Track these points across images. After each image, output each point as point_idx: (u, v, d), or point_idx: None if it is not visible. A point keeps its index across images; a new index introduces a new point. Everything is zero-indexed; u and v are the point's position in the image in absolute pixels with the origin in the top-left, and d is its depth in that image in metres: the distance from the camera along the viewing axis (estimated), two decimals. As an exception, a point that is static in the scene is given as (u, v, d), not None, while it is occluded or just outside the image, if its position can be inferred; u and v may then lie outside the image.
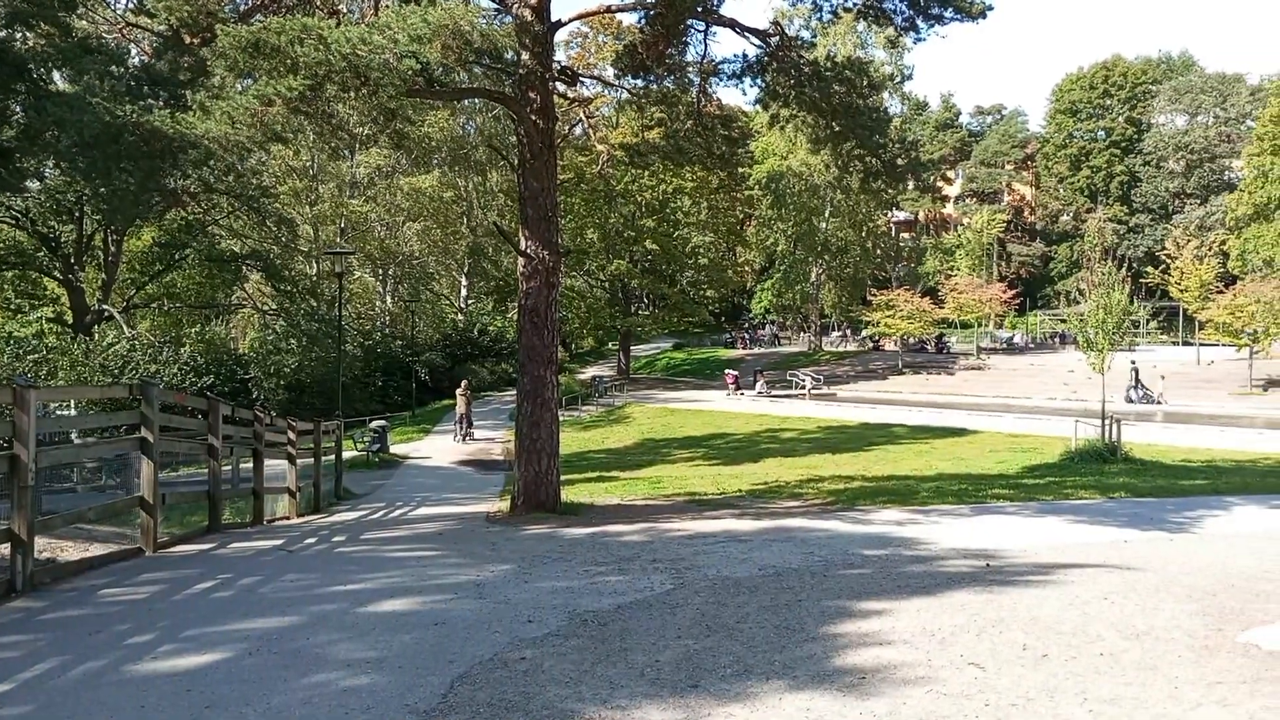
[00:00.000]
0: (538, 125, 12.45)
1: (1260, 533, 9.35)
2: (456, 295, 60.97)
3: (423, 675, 4.59)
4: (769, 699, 4.21)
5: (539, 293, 12.63)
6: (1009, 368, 45.52)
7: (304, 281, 44.57)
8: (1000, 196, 79.09)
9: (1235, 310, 39.23)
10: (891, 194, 63.13)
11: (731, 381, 42.74)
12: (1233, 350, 41.45)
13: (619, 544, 9.10)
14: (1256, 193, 41.78)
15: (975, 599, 6.11)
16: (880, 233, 68.69)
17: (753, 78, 14.06)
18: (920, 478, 16.24)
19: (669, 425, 32.44)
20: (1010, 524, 10.20)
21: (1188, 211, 63.54)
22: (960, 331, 58.66)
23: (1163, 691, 4.27)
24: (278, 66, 9.67)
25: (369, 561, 8.34)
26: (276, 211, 40.25)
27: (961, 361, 50.31)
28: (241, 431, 12.45)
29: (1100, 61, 72.43)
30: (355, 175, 52.56)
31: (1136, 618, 5.56)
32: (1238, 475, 15.72)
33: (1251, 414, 30.92)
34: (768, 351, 62.35)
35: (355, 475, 20.91)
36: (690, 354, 64.48)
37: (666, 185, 48.89)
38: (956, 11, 12.64)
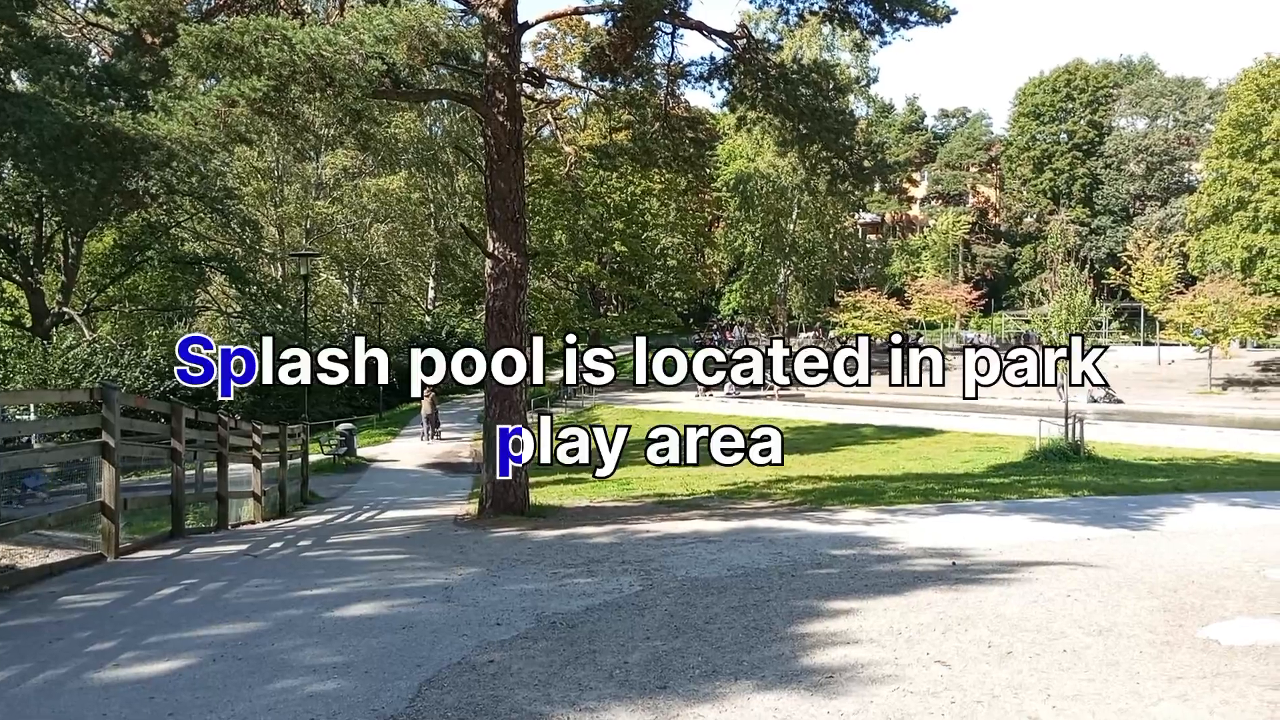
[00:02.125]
0: (505, 126, 12.41)
1: (1220, 529, 9.50)
2: (424, 297, 60.64)
3: (390, 680, 4.56)
4: (737, 699, 4.22)
5: (507, 294, 12.58)
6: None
7: (269, 284, 44.15)
8: (965, 198, 79.86)
9: (1195, 311, 39.88)
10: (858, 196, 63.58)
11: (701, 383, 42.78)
12: (1192, 350, 42.15)
13: (588, 546, 9.09)
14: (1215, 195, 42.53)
15: (941, 597, 6.16)
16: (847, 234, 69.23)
17: (720, 80, 14.09)
18: (888, 477, 16.35)
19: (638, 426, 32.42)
20: (976, 523, 10.29)
21: (1148, 213, 64.47)
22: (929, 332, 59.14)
23: (1125, 687, 4.33)
24: (241, 67, 9.57)
25: (335, 566, 8.27)
26: (241, 213, 39.86)
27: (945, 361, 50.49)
28: (205, 435, 12.31)
29: (1062, 65, 73.36)
30: (321, 176, 52.14)
31: (1099, 614, 5.63)
32: (1198, 473, 15.96)
33: (1211, 413, 31.44)
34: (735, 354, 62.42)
35: (321, 479, 20.73)
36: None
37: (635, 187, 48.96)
38: (921, 15, 12.73)
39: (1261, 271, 40.14)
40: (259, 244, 44.82)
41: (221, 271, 40.31)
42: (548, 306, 50.94)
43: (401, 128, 49.87)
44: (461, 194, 55.64)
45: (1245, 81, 42.99)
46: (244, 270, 39.97)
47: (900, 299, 56.23)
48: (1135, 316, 55.22)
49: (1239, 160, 41.09)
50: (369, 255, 54.67)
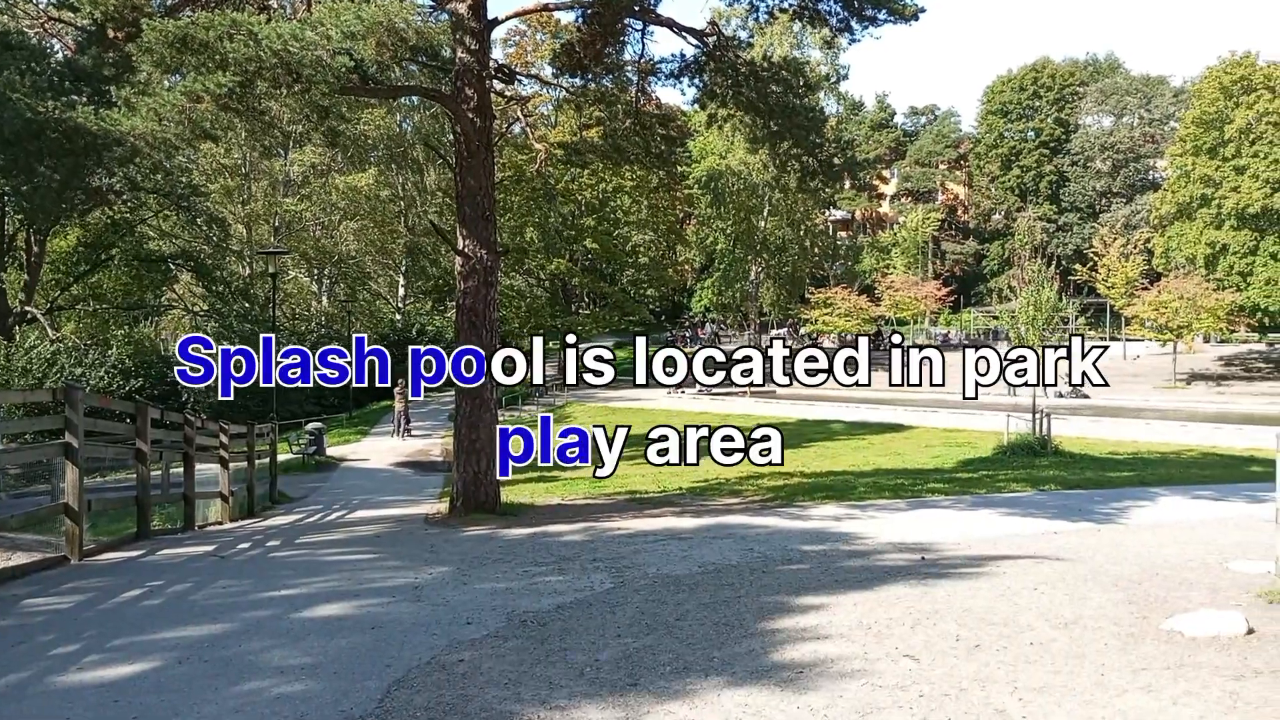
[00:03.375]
0: (475, 123, 12.36)
1: (1183, 522, 9.63)
2: (394, 295, 60.28)
3: (358, 680, 4.53)
4: (708, 695, 4.23)
5: (477, 292, 12.53)
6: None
7: (236, 282, 43.70)
8: (934, 195, 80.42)
9: (1159, 306, 40.40)
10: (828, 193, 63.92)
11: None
12: (1157, 345, 42.70)
13: (559, 544, 9.08)
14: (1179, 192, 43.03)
15: (910, 592, 6.21)
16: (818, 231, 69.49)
17: (690, 77, 14.10)
18: (858, 473, 16.44)
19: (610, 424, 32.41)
20: (945, 517, 10.38)
21: (1114, 210, 65.21)
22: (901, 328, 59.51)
23: (1090, 679, 4.38)
24: (206, 62, 9.46)
25: (304, 566, 8.21)
26: (207, 210, 39.42)
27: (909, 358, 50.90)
28: (171, 435, 12.17)
29: (1030, 63, 74.00)
30: (289, 173, 51.66)
31: (1065, 607, 5.69)
32: (1162, 467, 16.17)
33: (1175, 407, 31.87)
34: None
35: (291, 478, 20.56)
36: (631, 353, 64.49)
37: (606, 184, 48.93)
38: (890, 13, 12.80)
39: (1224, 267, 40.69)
40: (226, 242, 44.35)
41: (188, 269, 39.87)
42: (519, 304, 50.74)
43: (371, 124, 49.52)
44: (432, 191, 55.31)
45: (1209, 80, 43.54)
46: (211, 268, 39.54)
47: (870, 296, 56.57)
48: (1101, 312, 55.87)
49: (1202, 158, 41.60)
50: (338, 253, 54.26)
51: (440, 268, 54.97)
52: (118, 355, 33.50)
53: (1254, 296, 39.29)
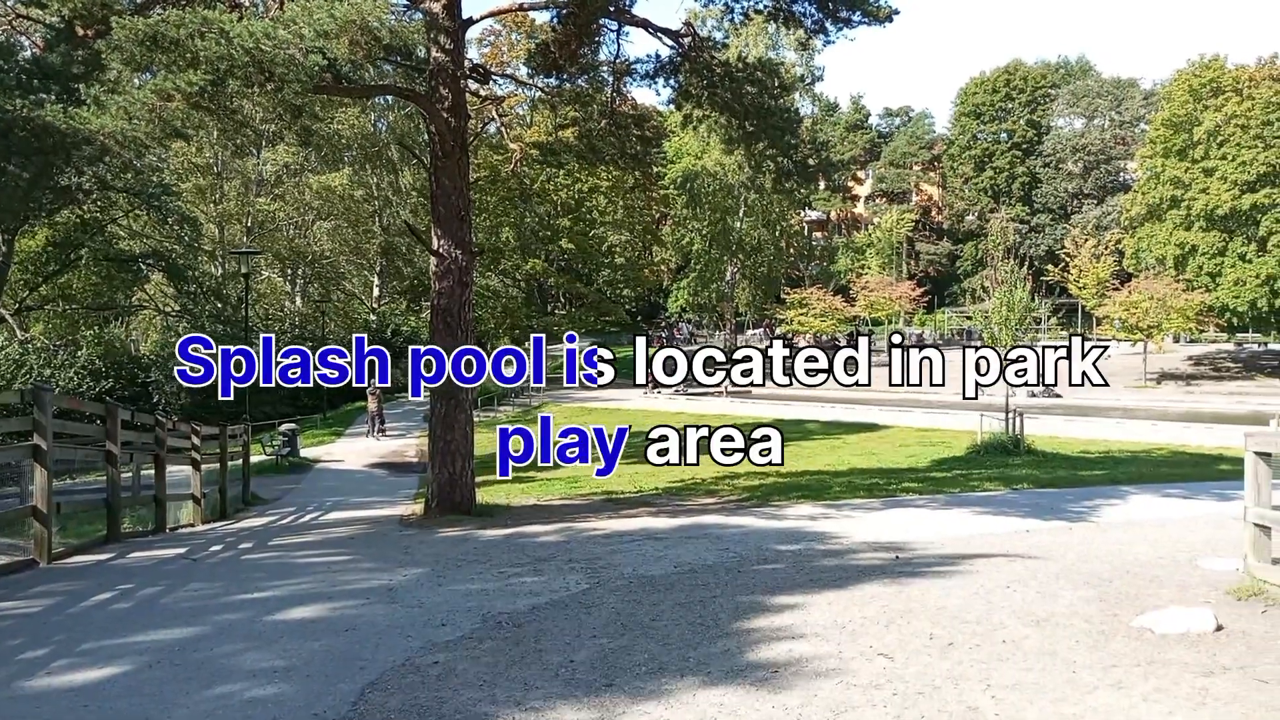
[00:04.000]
0: (449, 123, 12.30)
1: (1154, 520, 9.73)
2: (369, 295, 59.93)
3: (332, 683, 4.50)
4: (683, 695, 4.24)
5: (452, 292, 12.48)
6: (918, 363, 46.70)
7: (208, 282, 43.33)
8: (909, 196, 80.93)
9: (1130, 306, 40.82)
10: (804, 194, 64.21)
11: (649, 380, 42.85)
12: (1128, 345, 43.18)
13: (535, 545, 9.06)
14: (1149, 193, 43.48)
15: (885, 591, 6.24)
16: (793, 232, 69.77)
17: (666, 78, 14.10)
18: (833, 473, 16.51)
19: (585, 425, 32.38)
20: (919, 516, 10.44)
21: (1085, 211, 65.84)
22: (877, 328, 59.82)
23: (1062, 676, 4.42)
24: (177, 60, 9.35)
25: (277, 568, 8.15)
26: (178, 210, 39.01)
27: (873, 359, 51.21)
28: (142, 437, 12.04)
29: (1002, 66, 74.58)
30: (262, 173, 51.26)
31: (1037, 605, 5.74)
32: (1133, 465, 16.34)
33: (1146, 406, 32.22)
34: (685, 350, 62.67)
35: (264, 480, 20.39)
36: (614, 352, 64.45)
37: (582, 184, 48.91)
38: (864, 15, 12.86)
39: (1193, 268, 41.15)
40: (198, 241, 43.95)
41: (159, 269, 39.47)
42: (495, 304, 50.62)
43: (344, 124, 49.22)
44: (406, 191, 55.05)
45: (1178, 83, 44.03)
46: (182, 268, 39.16)
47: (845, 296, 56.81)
48: (1073, 312, 56.44)
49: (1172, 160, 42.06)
50: (312, 253, 53.89)
51: (415, 268, 54.75)
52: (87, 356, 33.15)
53: (1223, 297, 39.75)
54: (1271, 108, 38.56)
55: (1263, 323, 42.93)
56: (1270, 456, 6.10)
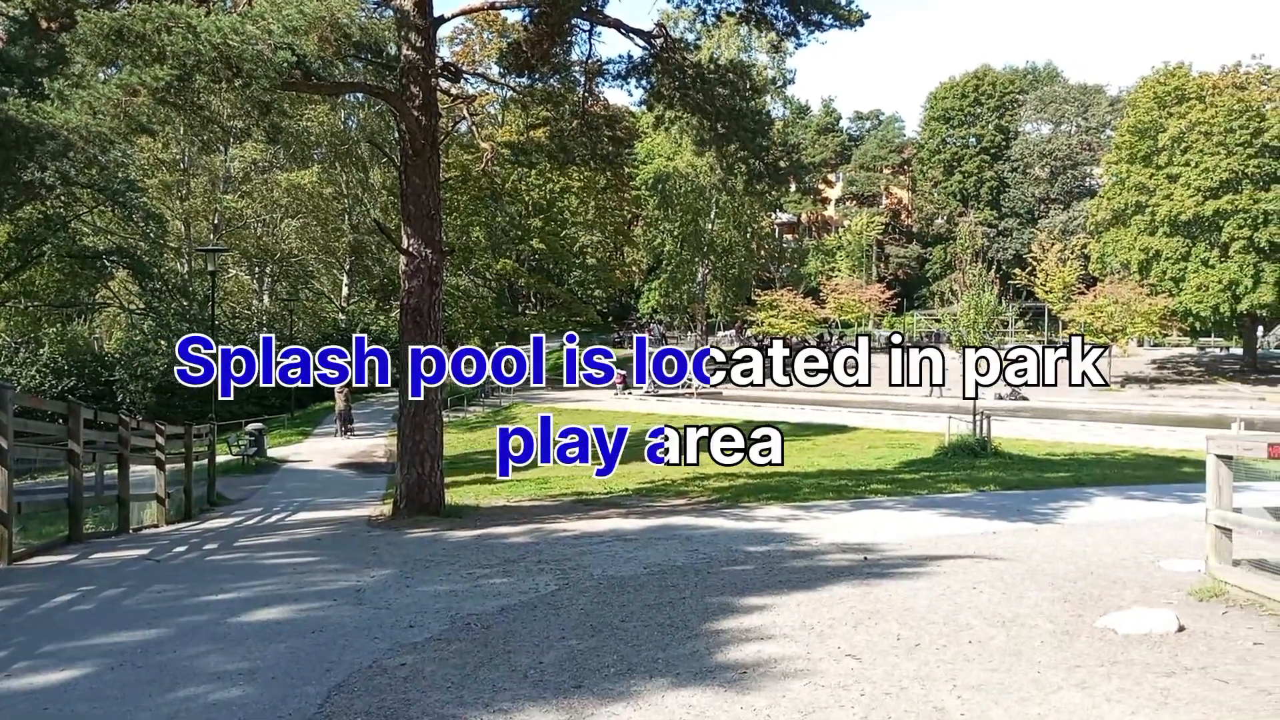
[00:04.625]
0: (420, 122, 12.24)
1: (1117, 522, 9.85)
2: (338, 294, 59.48)
3: (298, 685, 4.46)
4: (652, 697, 4.23)
5: (422, 291, 12.42)
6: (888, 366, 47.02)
7: (174, 280, 42.79)
8: (879, 199, 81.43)
9: (1095, 310, 41.31)
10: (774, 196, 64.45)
11: (619, 380, 42.90)
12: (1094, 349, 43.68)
13: (504, 546, 9.03)
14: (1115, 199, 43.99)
15: (853, 592, 6.27)
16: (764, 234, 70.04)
17: (638, 79, 14.10)
18: (802, 474, 16.57)
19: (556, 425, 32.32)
20: (887, 518, 10.50)
21: (1052, 216, 66.50)
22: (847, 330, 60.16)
23: (1027, 676, 4.46)
24: (143, 55, 9.23)
25: (243, 569, 8.06)
26: (144, 206, 38.53)
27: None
28: (105, 436, 11.87)
29: (971, 71, 75.24)
30: (229, 169, 50.72)
31: (1003, 606, 5.79)
32: (1098, 467, 16.53)
33: (1110, 409, 32.61)
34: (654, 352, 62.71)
35: (230, 480, 20.19)
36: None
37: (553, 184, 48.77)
38: (835, 18, 12.93)
39: (1157, 273, 41.69)
40: (163, 239, 43.41)
41: (124, 266, 38.94)
42: (465, 304, 50.37)
43: (314, 121, 48.80)
44: (376, 189, 54.67)
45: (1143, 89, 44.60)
46: (148, 265, 38.65)
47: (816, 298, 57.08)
48: (1040, 316, 57.03)
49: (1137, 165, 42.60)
50: (280, 251, 53.40)
51: (385, 267, 54.36)
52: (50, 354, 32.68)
53: (1186, 301, 40.30)
54: (1234, 115, 39.15)
55: (1224, 327, 43.60)
56: (1232, 459, 6.19)
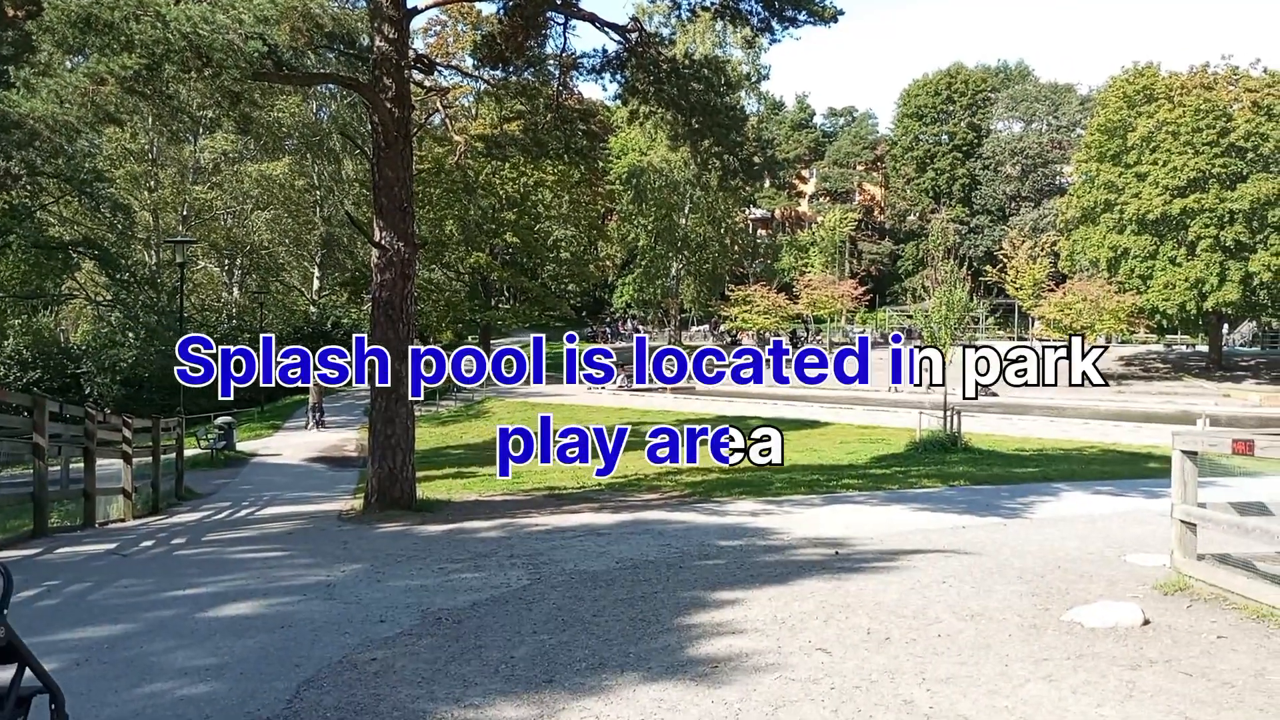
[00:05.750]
0: (393, 114, 12.15)
1: (1084, 516, 9.96)
2: (309, 287, 59.01)
3: (267, 681, 4.43)
4: (623, 691, 4.24)
5: (393, 285, 12.34)
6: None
7: (142, 271, 42.25)
8: (852, 196, 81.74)
9: (1064, 308, 41.72)
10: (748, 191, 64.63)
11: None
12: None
13: (476, 540, 9.01)
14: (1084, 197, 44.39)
15: (824, 586, 6.30)
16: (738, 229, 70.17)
17: (613, 73, 14.07)
18: (775, 469, 16.63)
19: (529, 419, 32.28)
20: (859, 513, 10.57)
21: (1023, 214, 67.06)
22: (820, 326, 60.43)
23: (995, 669, 4.50)
24: (111, 43, 9.11)
25: (211, 564, 7.99)
26: (111, 197, 38.00)
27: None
28: (71, 429, 11.73)
29: (944, 69, 75.68)
30: (199, 160, 50.12)
31: (972, 600, 5.84)
32: (1065, 463, 16.71)
33: (1078, 405, 32.98)
34: (629, 346, 62.82)
35: (199, 474, 19.99)
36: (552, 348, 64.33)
37: (528, 178, 48.55)
38: (809, 14, 12.98)
39: (1125, 271, 42.14)
40: (131, 230, 42.85)
41: (90, 258, 38.41)
42: (438, 298, 50.03)
43: (285, 111, 48.27)
44: (349, 181, 54.19)
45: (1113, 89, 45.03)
46: (115, 257, 38.13)
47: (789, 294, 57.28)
48: (1010, 312, 57.53)
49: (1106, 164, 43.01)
50: (250, 243, 52.89)
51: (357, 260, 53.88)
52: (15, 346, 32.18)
53: (1153, 299, 40.77)
54: (1201, 115, 39.61)
55: (1191, 325, 44.15)
56: (1196, 455, 6.27)
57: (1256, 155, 39.02)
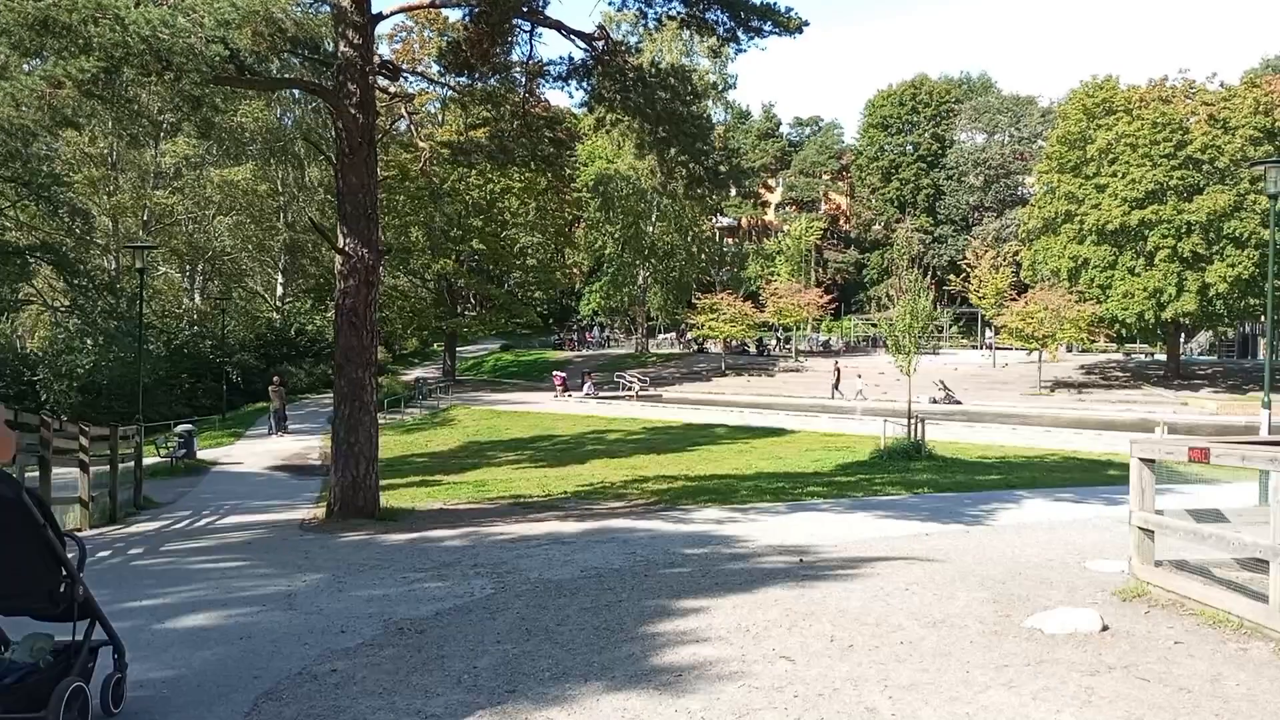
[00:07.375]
0: (357, 120, 12.07)
1: (1045, 523, 10.07)
2: (272, 294, 58.38)
3: (224, 693, 4.36)
4: (586, 701, 4.22)
5: (357, 292, 12.24)
6: (825, 369, 47.47)
7: (101, 277, 41.60)
8: (818, 205, 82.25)
9: (1026, 316, 42.20)
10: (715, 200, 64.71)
11: (559, 383, 42.81)
12: (1024, 354, 44.60)
13: (439, 549, 8.94)
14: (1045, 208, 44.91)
15: (788, 594, 6.32)
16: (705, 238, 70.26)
17: (579, 81, 14.07)
18: (740, 477, 16.67)
19: (495, 427, 32.14)
20: (823, 520, 10.61)
21: (985, 223, 67.78)
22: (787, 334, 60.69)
23: (956, 676, 4.53)
24: (69, 46, 8.98)
25: (169, 575, 7.87)
26: (69, 201, 37.43)
27: (781, 364, 52.22)
28: (26, 437, 11.50)
29: (908, 80, 76.45)
30: (160, 165, 49.51)
31: (934, 607, 5.88)
32: (1027, 470, 16.89)
33: (1040, 413, 33.37)
34: (596, 353, 62.75)
35: (158, 483, 19.68)
36: (518, 355, 64.12)
37: (494, 185, 48.38)
38: (774, 25, 13.05)
39: (1085, 281, 42.68)
40: (90, 235, 42.22)
41: (48, 263, 37.78)
42: (403, 305, 49.71)
43: (248, 116, 47.77)
44: (313, 187, 53.74)
45: (1073, 101, 45.68)
46: (73, 262, 37.52)
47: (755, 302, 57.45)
48: (973, 321, 58.13)
49: (1066, 175, 43.55)
50: (212, 249, 52.29)
51: (321, 266, 53.39)
52: (-32, 353, 31.51)
53: (1112, 309, 41.27)
54: (1158, 128, 40.23)
55: (1149, 334, 44.78)
56: (1154, 463, 6.36)
57: (1213, 168, 39.69)
